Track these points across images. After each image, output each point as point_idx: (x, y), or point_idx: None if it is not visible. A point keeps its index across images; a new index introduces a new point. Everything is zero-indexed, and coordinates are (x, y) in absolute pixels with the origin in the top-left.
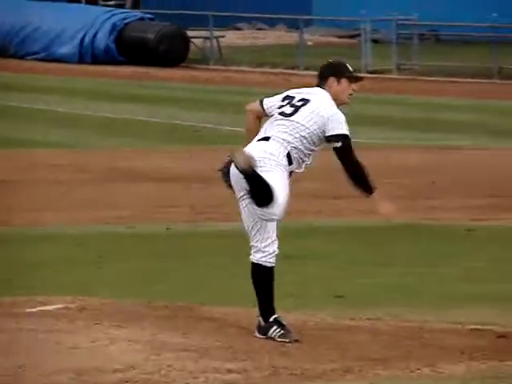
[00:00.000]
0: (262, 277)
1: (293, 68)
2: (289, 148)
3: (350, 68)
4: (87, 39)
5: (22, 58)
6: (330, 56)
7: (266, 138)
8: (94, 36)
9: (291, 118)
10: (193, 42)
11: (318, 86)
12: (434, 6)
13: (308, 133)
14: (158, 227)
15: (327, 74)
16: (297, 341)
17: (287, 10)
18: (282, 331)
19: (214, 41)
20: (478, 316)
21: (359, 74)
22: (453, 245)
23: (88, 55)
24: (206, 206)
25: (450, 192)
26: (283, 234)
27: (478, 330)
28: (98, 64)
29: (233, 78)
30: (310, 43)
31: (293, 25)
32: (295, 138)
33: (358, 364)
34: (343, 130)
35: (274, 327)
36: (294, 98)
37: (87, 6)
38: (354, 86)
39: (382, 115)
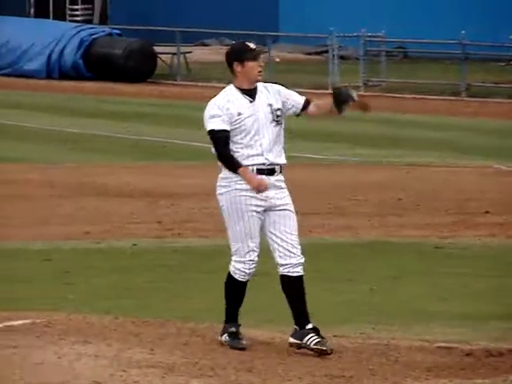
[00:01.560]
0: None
1: None
2: None
3: (251, 45)
4: (54, 55)
5: None
6: (297, 72)
7: None
8: (62, 51)
9: None
10: (160, 58)
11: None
12: (401, 23)
13: None
14: (124, 243)
15: (230, 60)
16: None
17: (255, 27)
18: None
19: (182, 56)
20: (444, 334)
21: (258, 48)
22: (421, 262)
23: (55, 71)
24: (173, 222)
25: (417, 209)
26: None
27: (444, 347)
28: (65, 79)
29: (200, 93)
30: (277, 60)
31: (260, 41)
32: None
33: (325, 381)
34: (209, 127)
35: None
36: None
37: (55, 21)
38: (258, 62)
39: (349, 132)
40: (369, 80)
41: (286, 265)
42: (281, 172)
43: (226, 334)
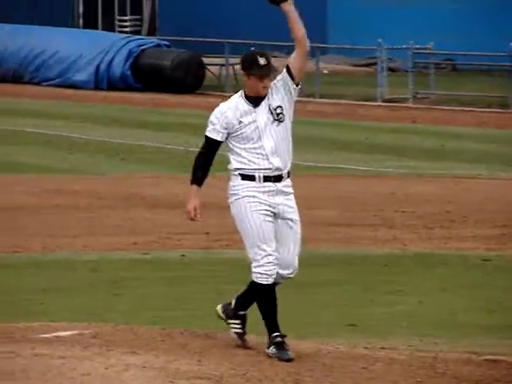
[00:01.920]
0: None
1: (308, 96)
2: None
3: (261, 61)
4: (103, 66)
5: (37, 84)
6: (344, 84)
7: None
8: (110, 62)
9: None
10: (208, 69)
11: None
12: (450, 35)
13: None
14: (173, 254)
15: (242, 68)
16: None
17: None
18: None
19: (230, 68)
20: (492, 346)
21: (267, 67)
22: (468, 274)
23: (104, 82)
24: (221, 233)
25: (465, 221)
26: None
27: (492, 360)
28: (113, 90)
29: None
30: (325, 71)
31: (308, 53)
32: None
33: None
34: (206, 131)
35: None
36: None
37: (104, 32)
38: (263, 82)
39: (397, 144)
40: (417, 92)
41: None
42: (288, 177)
43: (272, 346)
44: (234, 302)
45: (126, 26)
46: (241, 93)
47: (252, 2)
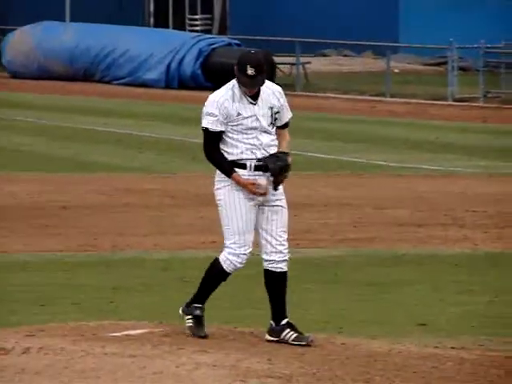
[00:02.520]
0: None
1: (379, 95)
2: None
3: (250, 72)
4: (174, 64)
5: (107, 82)
6: (415, 83)
7: None
8: (181, 61)
9: None
10: (279, 68)
11: None
12: None
13: None
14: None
15: (235, 64)
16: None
17: (374, 37)
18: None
19: (301, 67)
20: None
21: (254, 80)
22: None
23: (174, 80)
24: (291, 233)
25: None
26: (367, 262)
27: None
28: (184, 89)
29: (319, 104)
30: (396, 70)
31: (379, 52)
32: None
33: None
34: (203, 123)
35: (287, 330)
36: None
37: (174, 31)
38: (247, 89)
39: (467, 143)
40: (488, 91)
41: (271, 261)
42: None
43: (190, 317)
44: (272, 321)
45: (196, 25)
46: (234, 82)
47: (321, 1)
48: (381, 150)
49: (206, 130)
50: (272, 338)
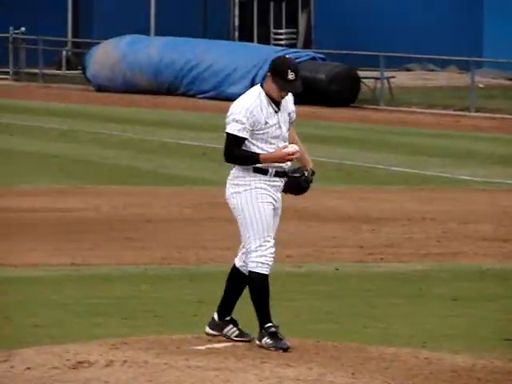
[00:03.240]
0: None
1: (463, 110)
2: None
3: (290, 76)
4: (258, 78)
5: (192, 96)
6: (500, 98)
7: None
8: (265, 75)
9: None
10: (364, 83)
11: None
12: None
13: None
14: (326, 267)
15: (268, 68)
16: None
17: (458, 52)
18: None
19: (385, 81)
20: None
21: (293, 85)
22: None
23: None
24: (375, 247)
25: None
26: (451, 277)
27: None
28: None
29: (403, 118)
30: (481, 85)
31: (464, 66)
32: None
33: None
34: (229, 129)
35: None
36: None
37: (259, 45)
38: (282, 94)
39: None
40: None
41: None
42: None
43: (266, 337)
44: (216, 315)
45: (281, 39)
46: (260, 90)
47: (406, 15)
48: (465, 165)
49: (231, 135)
50: (213, 332)
